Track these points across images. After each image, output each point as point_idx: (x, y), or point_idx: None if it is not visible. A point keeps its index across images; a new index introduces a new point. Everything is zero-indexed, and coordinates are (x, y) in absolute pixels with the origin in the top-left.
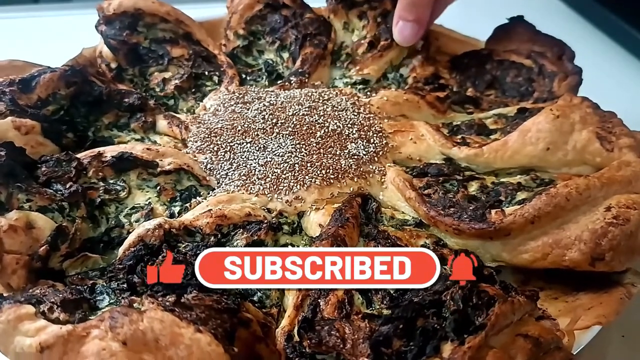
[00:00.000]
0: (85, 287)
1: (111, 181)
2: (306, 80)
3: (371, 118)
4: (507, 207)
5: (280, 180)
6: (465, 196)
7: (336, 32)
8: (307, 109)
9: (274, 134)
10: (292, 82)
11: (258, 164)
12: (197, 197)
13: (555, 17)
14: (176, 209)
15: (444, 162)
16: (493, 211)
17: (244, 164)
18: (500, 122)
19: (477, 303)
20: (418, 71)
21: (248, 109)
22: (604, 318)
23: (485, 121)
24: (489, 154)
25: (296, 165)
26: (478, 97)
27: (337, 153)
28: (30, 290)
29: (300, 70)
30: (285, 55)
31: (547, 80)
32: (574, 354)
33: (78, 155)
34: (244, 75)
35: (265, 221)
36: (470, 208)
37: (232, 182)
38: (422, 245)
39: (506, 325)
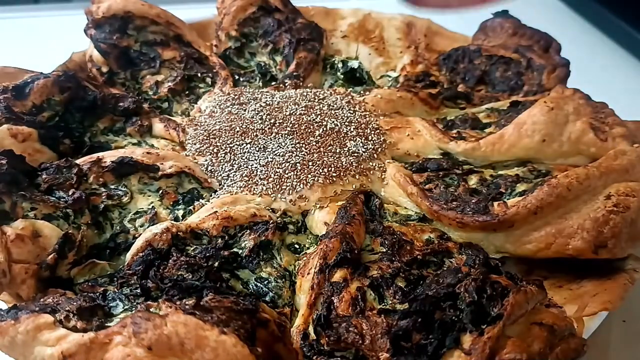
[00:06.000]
0: (98, 294)
1: (112, 187)
2: (301, 83)
3: (367, 115)
4: (508, 199)
5: (282, 179)
6: (466, 189)
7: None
8: (303, 109)
9: (273, 134)
10: (286, 84)
11: (259, 164)
12: (200, 200)
13: (555, 16)
14: (180, 212)
15: (441, 157)
16: (495, 203)
17: (245, 165)
18: (493, 115)
19: (491, 294)
20: (408, 69)
21: (245, 110)
22: (610, 304)
23: (479, 115)
24: (486, 147)
25: (298, 164)
26: (469, 93)
27: (337, 151)
28: (42, 300)
29: (295, 74)
30: (278, 58)
31: (536, 74)
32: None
33: (77, 162)
34: (236, 77)
35: (272, 221)
36: (473, 201)
37: (235, 183)
38: (427, 239)
39: (521, 314)
